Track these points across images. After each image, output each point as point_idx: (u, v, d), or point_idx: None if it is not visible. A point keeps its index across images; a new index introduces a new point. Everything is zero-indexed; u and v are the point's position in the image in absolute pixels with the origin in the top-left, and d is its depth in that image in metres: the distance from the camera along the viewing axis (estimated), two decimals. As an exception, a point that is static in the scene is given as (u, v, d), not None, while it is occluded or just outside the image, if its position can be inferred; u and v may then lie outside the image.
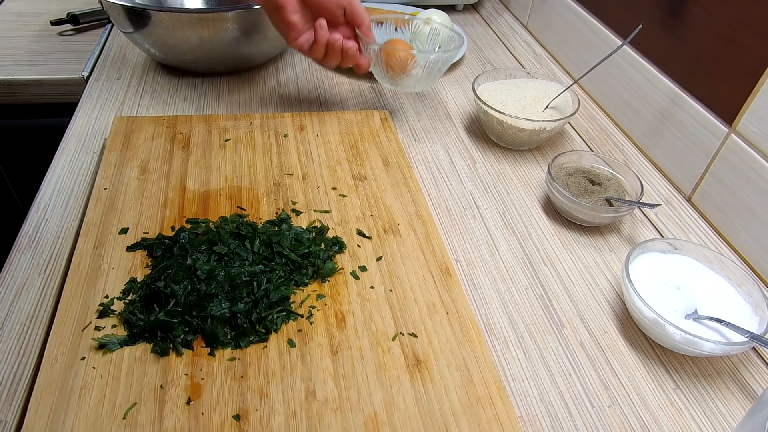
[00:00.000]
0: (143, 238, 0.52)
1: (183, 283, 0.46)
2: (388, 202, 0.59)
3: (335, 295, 0.49)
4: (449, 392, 0.42)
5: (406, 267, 0.52)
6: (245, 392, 0.41)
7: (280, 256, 0.51)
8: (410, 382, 0.43)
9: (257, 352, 0.44)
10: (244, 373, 0.42)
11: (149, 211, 0.55)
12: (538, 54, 0.98)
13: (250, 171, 0.61)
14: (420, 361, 0.44)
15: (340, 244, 0.54)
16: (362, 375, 0.43)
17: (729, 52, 0.60)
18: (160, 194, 0.57)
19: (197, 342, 0.44)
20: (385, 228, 0.56)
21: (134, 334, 0.44)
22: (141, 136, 0.64)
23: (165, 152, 0.62)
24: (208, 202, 0.57)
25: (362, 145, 0.67)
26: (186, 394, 0.41)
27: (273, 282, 0.48)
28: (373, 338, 0.46)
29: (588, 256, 0.60)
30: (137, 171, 0.59)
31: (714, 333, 0.49)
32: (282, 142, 0.66)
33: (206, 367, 0.43)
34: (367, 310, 0.48)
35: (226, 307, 0.45)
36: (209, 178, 0.60)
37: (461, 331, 0.47)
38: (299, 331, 0.46)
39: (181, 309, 0.45)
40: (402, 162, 0.64)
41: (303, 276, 0.50)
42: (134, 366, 0.42)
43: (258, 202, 0.57)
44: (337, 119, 0.70)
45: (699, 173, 0.65)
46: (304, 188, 0.60)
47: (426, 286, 0.50)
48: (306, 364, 0.43)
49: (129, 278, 0.49)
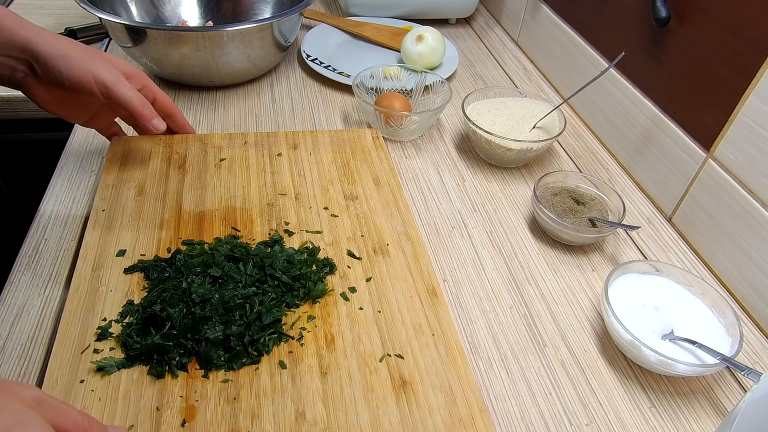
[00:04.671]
0: (140, 260, 0.53)
1: (178, 306, 0.48)
2: (378, 222, 0.61)
3: (325, 316, 0.51)
4: (433, 413, 0.44)
5: (394, 288, 0.54)
6: (238, 414, 0.42)
7: (273, 279, 0.52)
8: (396, 404, 0.44)
9: (249, 374, 0.46)
10: (236, 395, 0.44)
11: (146, 233, 0.56)
12: (528, 70, 1.00)
13: (245, 191, 0.62)
14: (406, 382, 0.46)
15: (330, 266, 0.55)
16: (350, 396, 0.44)
17: (707, 80, 0.62)
18: (157, 215, 0.58)
19: (192, 364, 0.46)
20: (375, 249, 0.57)
21: (131, 357, 0.45)
22: (138, 156, 0.65)
23: (161, 173, 0.63)
24: (203, 223, 0.58)
25: (354, 164, 0.68)
26: (181, 416, 0.42)
27: (265, 304, 0.50)
28: (361, 359, 0.47)
29: (571, 276, 0.62)
30: (134, 192, 0.61)
31: (688, 354, 0.51)
32: (276, 162, 0.67)
33: (200, 389, 0.44)
34: (356, 331, 0.49)
35: (219, 329, 0.47)
36: (204, 198, 0.61)
37: (446, 353, 0.48)
38: (290, 352, 0.47)
39: (176, 332, 0.46)
40: (392, 182, 0.66)
41: (294, 298, 0.51)
42: (131, 388, 0.44)
43: (252, 223, 0.59)
44: (329, 138, 0.72)
45: (679, 195, 0.68)
46: (296, 208, 0.61)
47: (413, 307, 0.52)
48: (296, 385, 0.45)
49: (126, 300, 0.50)
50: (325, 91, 0.89)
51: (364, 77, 0.82)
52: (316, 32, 1.01)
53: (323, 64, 0.91)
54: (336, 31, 1.03)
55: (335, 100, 0.87)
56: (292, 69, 0.94)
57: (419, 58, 0.91)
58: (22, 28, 0.53)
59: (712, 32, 0.61)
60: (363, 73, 0.81)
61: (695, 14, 0.63)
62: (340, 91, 0.89)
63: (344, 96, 0.88)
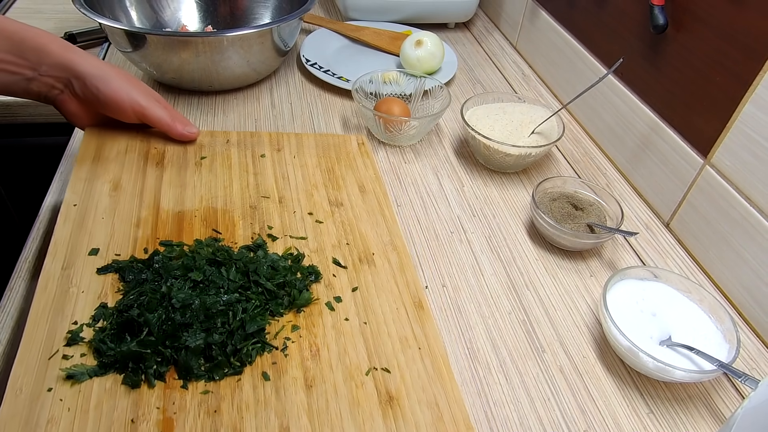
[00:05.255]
0: (114, 260, 0.50)
1: (157, 311, 0.45)
2: (364, 230, 0.59)
3: (310, 326, 0.49)
4: (420, 430, 0.43)
5: (380, 299, 0.52)
6: (219, 428, 0.40)
7: (257, 285, 0.50)
8: (382, 419, 0.43)
9: (231, 385, 0.43)
10: (217, 408, 0.42)
11: (121, 231, 0.53)
12: (527, 75, 1.01)
13: (226, 192, 0.60)
14: (392, 397, 0.44)
15: (316, 274, 0.53)
16: (336, 411, 0.43)
17: (704, 87, 0.63)
18: (133, 213, 0.55)
19: (170, 374, 0.43)
20: (360, 258, 0.56)
21: (105, 365, 0.42)
22: (113, 149, 0.61)
23: (138, 168, 0.60)
24: (182, 224, 0.55)
25: (339, 169, 0.66)
26: (158, 429, 0.39)
27: (249, 312, 0.47)
28: (347, 372, 0.45)
29: (570, 281, 0.62)
30: (109, 187, 0.57)
31: (686, 360, 0.51)
32: (259, 163, 0.64)
33: (179, 401, 0.41)
34: (342, 343, 0.48)
35: (201, 337, 0.44)
36: (184, 197, 0.58)
37: (432, 368, 0.47)
38: (274, 363, 0.45)
39: (154, 339, 0.44)
40: (378, 189, 0.64)
41: (279, 306, 0.50)
42: (104, 398, 0.40)
43: (234, 226, 0.56)
44: (314, 141, 0.70)
45: (677, 201, 0.68)
46: (280, 212, 0.59)
47: (399, 319, 0.50)
48: (280, 398, 0.43)
49: (99, 303, 0.46)
50: (325, 95, 0.89)
51: (363, 82, 0.82)
52: (316, 37, 1.01)
53: (322, 68, 0.91)
54: (335, 35, 1.04)
55: (334, 104, 0.87)
56: (292, 73, 0.94)
57: (418, 62, 0.92)
58: (67, 51, 0.59)
59: (708, 40, 0.61)
60: (362, 78, 0.82)
61: (692, 22, 0.63)
62: (339, 95, 0.89)
63: (343, 101, 0.88)
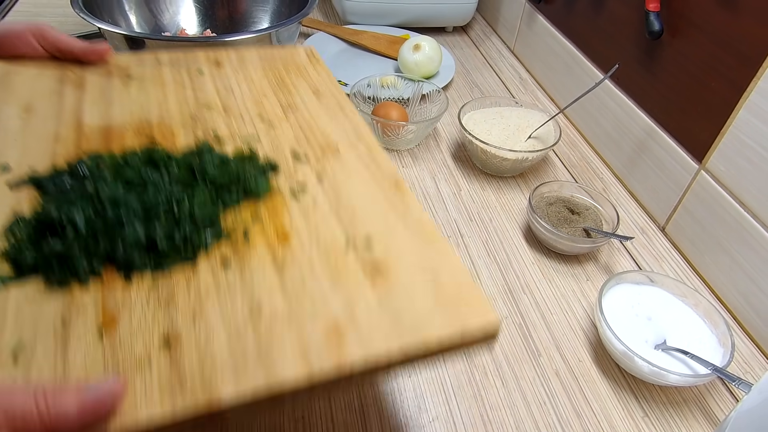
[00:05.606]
0: (31, 176, 0.42)
1: (84, 210, 0.37)
2: (324, 126, 0.52)
3: (273, 215, 0.42)
4: (416, 293, 0.37)
5: (351, 184, 0.45)
6: (174, 316, 0.34)
7: (204, 182, 0.42)
8: (372, 288, 0.37)
9: (185, 274, 0.37)
10: (170, 298, 0.35)
11: (36, 148, 0.45)
12: (524, 79, 1.01)
13: (161, 107, 0.52)
14: (379, 267, 0.38)
15: (274, 166, 0.46)
16: (316, 287, 0.37)
17: (699, 93, 0.63)
18: (50, 131, 0.47)
19: (107, 271, 0.36)
20: (324, 150, 0.49)
21: (22, 269, 0.35)
22: (20, 75, 0.54)
23: (53, 91, 0.52)
24: (111, 136, 0.48)
25: (289, 79, 0.59)
26: (96, 327, 0.33)
27: (197, 204, 0.40)
28: (323, 251, 0.39)
29: (566, 285, 0.63)
30: (19, 110, 0.49)
31: (681, 364, 0.52)
32: (197, 79, 0.57)
33: (121, 295, 0.35)
34: (313, 224, 0.41)
35: (140, 230, 0.37)
36: (111, 113, 0.50)
37: (422, 232, 0.41)
38: (234, 253, 0.39)
39: (83, 235, 0.36)
40: (336, 91, 0.57)
41: (231, 196, 0.42)
42: (24, 306, 0.34)
43: (173, 136, 0.48)
44: (257, 54, 0.62)
45: (672, 205, 0.68)
46: (226, 120, 0.51)
47: (375, 201, 0.44)
48: (246, 282, 0.37)
49: (15, 219, 0.39)
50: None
51: (361, 86, 0.82)
52: (314, 40, 1.01)
53: (321, 72, 0.92)
54: (334, 39, 1.04)
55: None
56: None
57: (416, 67, 0.92)
58: None
59: (704, 46, 0.62)
60: (360, 82, 0.82)
61: (688, 28, 0.64)
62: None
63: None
